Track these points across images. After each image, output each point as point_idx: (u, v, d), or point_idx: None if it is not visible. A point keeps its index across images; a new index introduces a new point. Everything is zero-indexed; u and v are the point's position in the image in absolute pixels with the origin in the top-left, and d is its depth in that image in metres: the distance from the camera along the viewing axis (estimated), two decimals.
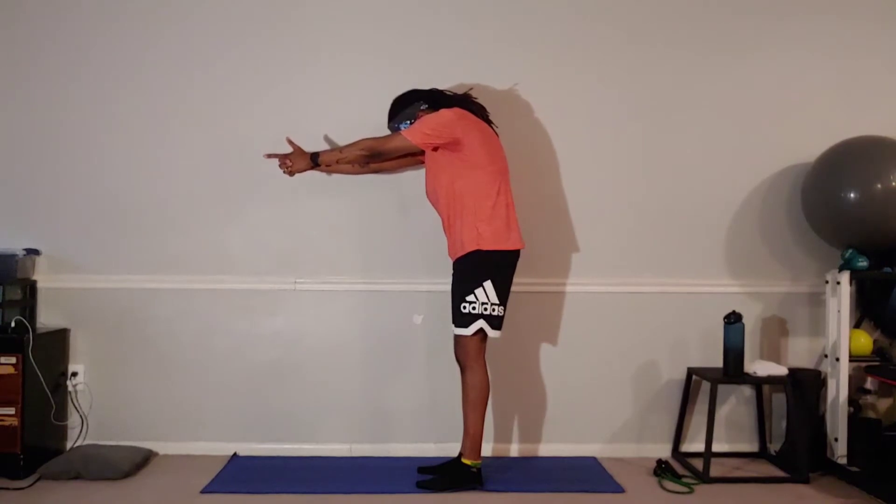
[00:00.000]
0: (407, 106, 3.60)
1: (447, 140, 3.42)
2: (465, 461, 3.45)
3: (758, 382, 3.89)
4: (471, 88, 3.70)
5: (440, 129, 3.42)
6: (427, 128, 3.42)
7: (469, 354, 3.43)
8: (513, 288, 3.93)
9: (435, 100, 3.59)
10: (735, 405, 4.04)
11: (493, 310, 3.40)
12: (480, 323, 3.39)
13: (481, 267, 3.41)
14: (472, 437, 3.43)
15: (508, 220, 3.45)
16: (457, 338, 3.44)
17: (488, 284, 3.40)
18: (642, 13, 4.00)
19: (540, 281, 3.96)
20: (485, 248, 3.40)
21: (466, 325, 3.40)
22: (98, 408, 3.91)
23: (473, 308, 3.39)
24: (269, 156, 3.63)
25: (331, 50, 3.94)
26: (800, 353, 4.05)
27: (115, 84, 3.92)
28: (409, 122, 3.56)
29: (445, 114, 3.47)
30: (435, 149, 3.47)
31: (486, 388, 3.45)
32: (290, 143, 3.63)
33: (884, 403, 4.01)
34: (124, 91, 3.93)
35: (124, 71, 3.92)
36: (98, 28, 3.92)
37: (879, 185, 3.60)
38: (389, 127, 3.62)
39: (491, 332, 3.43)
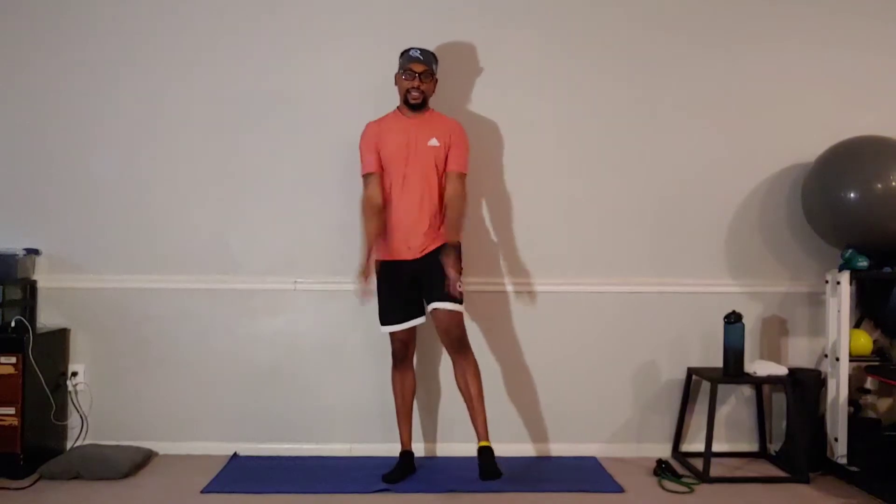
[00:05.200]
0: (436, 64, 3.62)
1: None
2: (488, 443, 3.40)
3: (758, 382, 3.89)
4: None
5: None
6: (466, 156, 3.61)
7: (465, 331, 3.47)
8: (513, 287, 3.95)
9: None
10: (735, 405, 4.04)
11: None
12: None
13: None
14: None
15: None
16: (453, 315, 3.42)
17: None
18: (643, 11, 4.00)
19: (540, 281, 3.96)
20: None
21: (462, 302, 3.45)
22: (98, 408, 3.91)
23: (460, 286, 3.42)
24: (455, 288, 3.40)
25: (330, 44, 3.94)
26: (800, 353, 4.05)
27: (114, 84, 3.93)
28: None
29: (468, 141, 3.61)
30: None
31: None
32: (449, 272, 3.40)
33: (884, 403, 4.02)
34: (124, 91, 3.93)
35: (123, 71, 3.93)
36: (97, 28, 3.92)
37: (879, 185, 3.60)
38: (431, 70, 3.54)
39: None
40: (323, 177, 3.93)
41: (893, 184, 3.59)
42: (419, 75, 3.51)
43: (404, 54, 3.57)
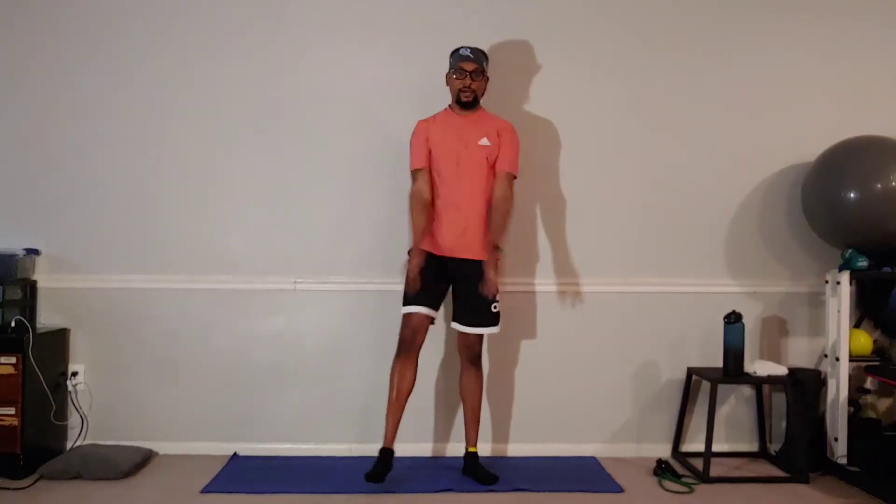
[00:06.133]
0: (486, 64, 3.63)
1: None
2: (476, 449, 3.65)
3: (758, 382, 3.90)
4: None
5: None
6: (517, 158, 3.62)
7: (482, 347, 3.64)
8: (513, 288, 3.96)
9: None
10: (735, 405, 4.04)
11: None
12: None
13: None
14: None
15: None
16: (479, 336, 3.58)
17: None
18: (643, 12, 4.00)
19: (540, 281, 3.96)
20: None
21: (498, 323, 3.58)
22: (98, 408, 3.91)
23: (496, 308, 3.56)
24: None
25: (333, 49, 3.94)
26: (800, 353, 4.05)
27: (113, 84, 3.93)
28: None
29: (518, 142, 3.63)
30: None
31: None
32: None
33: (884, 403, 4.02)
34: (123, 91, 3.93)
35: (123, 71, 3.93)
36: (97, 28, 3.92)
37: (879, 185, 3.60)
38: (482, 68, 3.56)
39: None
40: (323, 177, 3.93)
41: (893, 184, 3.59)
42: (470, 74, 3.53)
43: (454, 53, 3.58)
